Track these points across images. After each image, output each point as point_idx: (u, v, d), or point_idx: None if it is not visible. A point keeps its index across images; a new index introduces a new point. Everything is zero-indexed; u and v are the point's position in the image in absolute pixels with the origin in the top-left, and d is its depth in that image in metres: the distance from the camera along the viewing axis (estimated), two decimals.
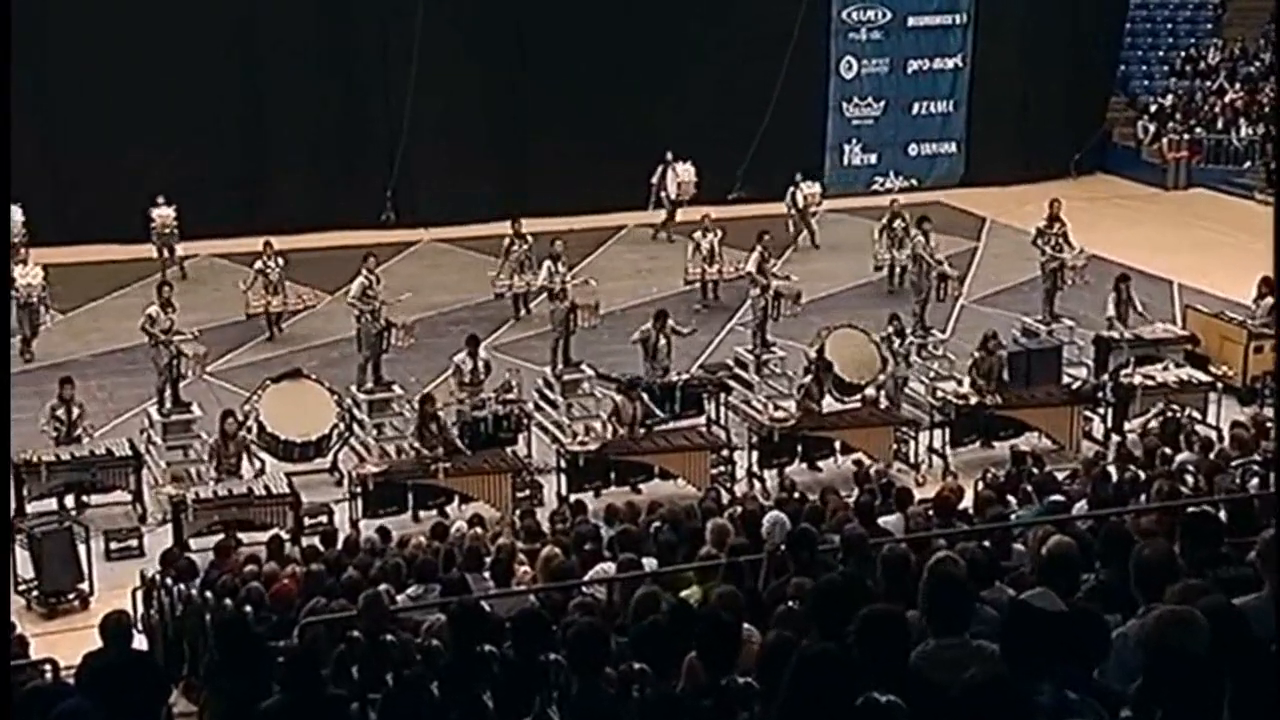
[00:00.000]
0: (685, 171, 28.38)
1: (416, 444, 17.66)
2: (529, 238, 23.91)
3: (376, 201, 29.13)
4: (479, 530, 14.57)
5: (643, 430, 18.41)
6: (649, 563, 11.01)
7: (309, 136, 29.05)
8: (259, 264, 23.20)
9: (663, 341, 19.98)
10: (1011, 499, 13.54)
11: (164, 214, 25.37)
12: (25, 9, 23.12)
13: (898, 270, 24.83)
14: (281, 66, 29.01)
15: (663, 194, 28.71)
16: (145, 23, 27.66)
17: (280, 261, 23.31)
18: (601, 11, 30.07)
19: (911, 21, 32.99)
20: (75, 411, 18.02)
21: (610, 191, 29.27)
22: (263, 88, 29.10)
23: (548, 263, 21.76)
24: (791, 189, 28.29)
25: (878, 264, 25.48)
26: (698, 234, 24.47)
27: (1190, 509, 9.15)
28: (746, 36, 30.61)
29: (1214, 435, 17.36)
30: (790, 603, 8.10)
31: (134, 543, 16.80)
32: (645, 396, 18.64)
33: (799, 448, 18.65)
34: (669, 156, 28.33)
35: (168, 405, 19.04)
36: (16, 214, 23.92)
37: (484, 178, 29.79)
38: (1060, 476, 14.35)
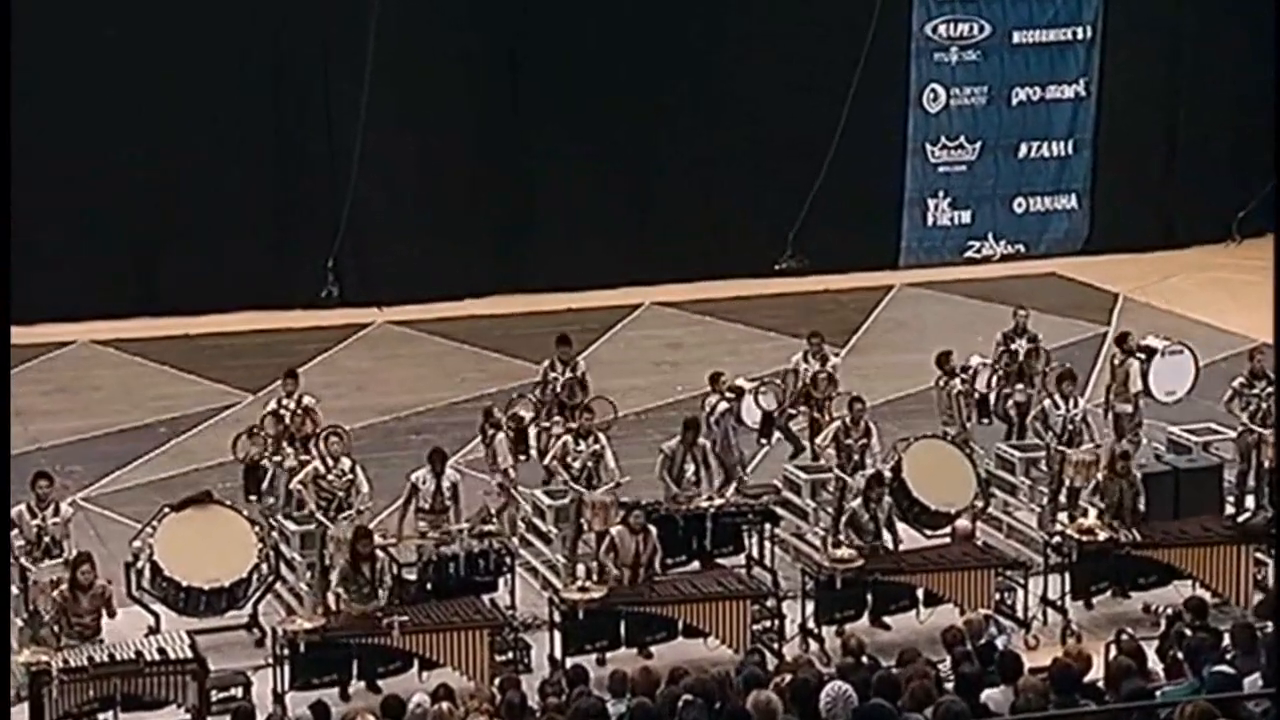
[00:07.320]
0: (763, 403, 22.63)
1: (345, 597, 17.55)
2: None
3: (314, 272, 29.30)
4: (446, 706, 14.53)
5: (650, 574, 18.29)
6: None
7: (223, 186, 29.03)
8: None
9: (691, 465, 19.97)
10: (1158, 669, 13.49)
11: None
12: None
13: (1262, 460, 20.93)
14: (185, 90, 28.66)
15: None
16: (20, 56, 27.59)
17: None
18: (619, 33, 30.29)
19: (1018, 37, 33.19)
20: None
21: (626, 260, 29.41)
22: (160, 118, 28.68)
23: (566, 439, 20.14)
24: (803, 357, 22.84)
25: (1240, 451, 21.26)
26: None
27: None
28: (801, 60, 30.85)
29: None
30: None
31: None
32: (654, 531, 18.53)
33: (868, 597, 18.57)
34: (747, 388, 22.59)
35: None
36: None
37: (460, 242, 29.94)
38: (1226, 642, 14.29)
